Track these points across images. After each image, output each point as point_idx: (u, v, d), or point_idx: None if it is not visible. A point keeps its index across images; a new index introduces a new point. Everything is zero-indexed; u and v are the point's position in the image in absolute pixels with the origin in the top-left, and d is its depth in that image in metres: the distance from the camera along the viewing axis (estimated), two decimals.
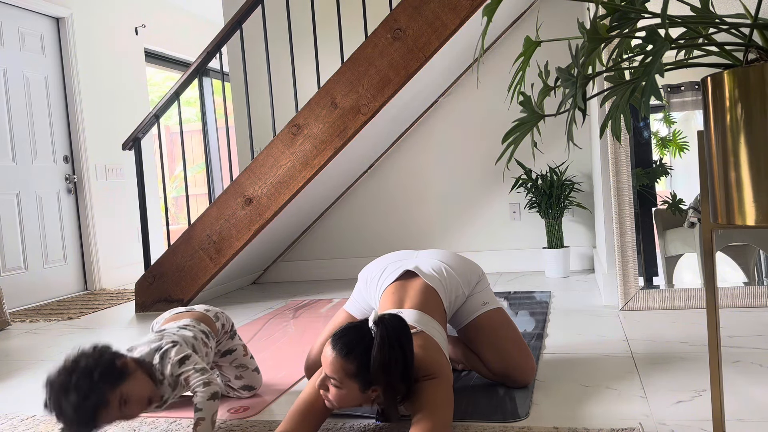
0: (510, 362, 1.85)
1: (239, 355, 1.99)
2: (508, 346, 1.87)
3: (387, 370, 1.48)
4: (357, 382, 1.50)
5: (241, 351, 1.99)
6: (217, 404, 1.61)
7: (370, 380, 1.50)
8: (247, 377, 1.99)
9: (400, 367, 1.49)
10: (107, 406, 1.52)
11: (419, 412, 1.49)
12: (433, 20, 3.24)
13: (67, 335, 3.22)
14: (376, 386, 1.50)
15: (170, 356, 1.66)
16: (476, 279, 1.96)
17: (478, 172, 4.21)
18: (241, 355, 1.99)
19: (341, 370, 1.50)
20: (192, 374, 1.64)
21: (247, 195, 3.59)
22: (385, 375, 1.48)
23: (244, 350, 2.00)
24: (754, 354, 2.03)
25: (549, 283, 3.67)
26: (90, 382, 1.52)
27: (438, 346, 1.63)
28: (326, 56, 4.12)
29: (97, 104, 5.09)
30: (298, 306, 3.52)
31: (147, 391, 1.60)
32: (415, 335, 1.61)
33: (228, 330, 1.99)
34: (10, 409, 2.07)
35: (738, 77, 1.00)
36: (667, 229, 2.83)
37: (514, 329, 1.91)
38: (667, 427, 1.53)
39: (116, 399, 1.54)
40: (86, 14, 5.06)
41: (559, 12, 3.95)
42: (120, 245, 5.22)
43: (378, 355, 1.48)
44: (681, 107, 2.82)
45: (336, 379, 1.51)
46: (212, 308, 1.99)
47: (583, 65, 1.11)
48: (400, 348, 1.50)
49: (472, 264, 1.99)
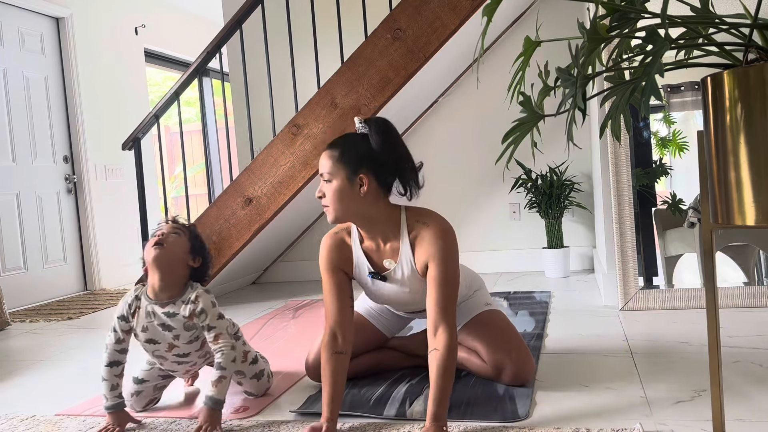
0: (510, 354, 1.86)
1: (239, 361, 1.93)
2: (510, 338, 1.89)
3: (369, 145, 1.65)
4: (346, 168, 1.65)
5: (239, 357, 1.90)
6: (235, 367, 1.79)
7: (357, 163, 1.64)
8: (245, 384, 1.95)
9: (385, 141, 1.65)
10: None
11: (431, 265, 1.65)
12: (433, 20, 3.24)
13: (67, 335, 3.22)
14: (364, 170, 1.65)
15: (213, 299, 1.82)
16: (477, 285, 2.05)
17: (478, 172, 4.21)
18: (240, 361, 1.91)
19: (329, 158, 1.66)
20: (224, 334, 1.78)
21: (246, 195, 3.59)
22: (369, 151, 1.65)
23: (243, 356, 1.92)
24: (754, 354, 2.03)
25: (549, 283, 3.67)
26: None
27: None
28: (326, 56, 4.12)
29: (97, 104, 5.09)
30: (298, 306, 3.52)
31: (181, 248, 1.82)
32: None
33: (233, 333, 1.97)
34: (10, 409, 2.07)
35: (738, 77, 1.00)
36: (667, 229, 2.83)
37: (514, 329, 1.95)
38: (667, 427, 1.53)
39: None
40: (86, 14, 5.06)
41: (559, 12, 3.95)
42: (120, 245, 5.21)
43: (360, 134, 1.67)
44: (681, 107, 2.82)
45: (326, 172, 1.67)
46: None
47: (583, 65, 1.11)
48: (388, 133, 1.67)
49: (475, 274, 2.08)
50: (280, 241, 4.26)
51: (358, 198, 1.66)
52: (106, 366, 1.78)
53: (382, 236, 1.75)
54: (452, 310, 1.64)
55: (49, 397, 2.19)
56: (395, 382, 1.98)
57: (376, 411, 1.75)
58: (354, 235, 1.79)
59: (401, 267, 1.75)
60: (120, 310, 1.81)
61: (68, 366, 2.59)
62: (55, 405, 2.09)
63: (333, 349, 1.68)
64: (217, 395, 1.69)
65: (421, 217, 1.73)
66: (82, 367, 2.54)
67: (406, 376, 2.03)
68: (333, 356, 1.67)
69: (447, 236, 1.68)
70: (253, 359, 1.96)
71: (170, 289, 1.79)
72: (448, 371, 1.56)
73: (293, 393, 2.00)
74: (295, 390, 2.03)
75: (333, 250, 1.78)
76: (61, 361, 2.67)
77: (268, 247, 4.15)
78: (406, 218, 1.74)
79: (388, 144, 1.67)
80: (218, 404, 1.69)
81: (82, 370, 2.50)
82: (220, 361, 1.73)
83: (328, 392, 1.63)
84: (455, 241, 1.71)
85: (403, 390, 1.91)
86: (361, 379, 2.03)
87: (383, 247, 1.76)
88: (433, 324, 1.62)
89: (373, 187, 1.67)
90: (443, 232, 1.68)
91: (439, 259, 1.65)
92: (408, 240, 1.72)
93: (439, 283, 1.64)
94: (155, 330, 1.80)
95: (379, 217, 1.72)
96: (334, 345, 1.68)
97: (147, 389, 1.93)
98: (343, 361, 1.67)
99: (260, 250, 4.06)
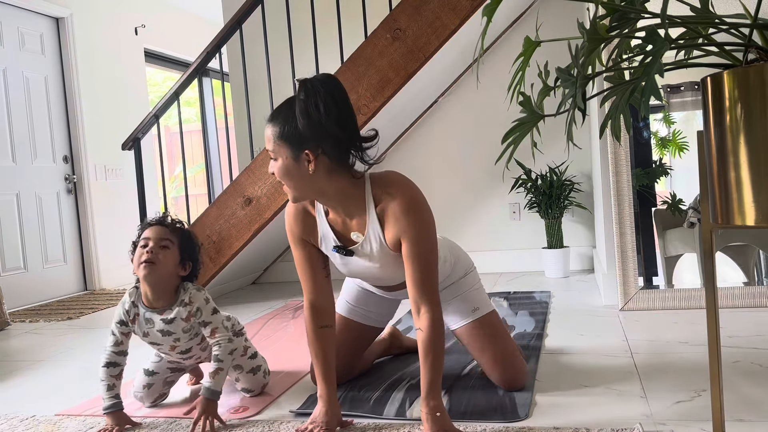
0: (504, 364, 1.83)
1: (237, 355, 1.96)
2: (502, 348, 1.84)
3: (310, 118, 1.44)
4: (288, 145, 1.48)
5: (240, 351, 1.96)
6: (232, 359, 1.80)
7: (299, 139, 1.46)
8: (242, 379, 1.97)
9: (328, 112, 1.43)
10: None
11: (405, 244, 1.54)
12: (432, 20, 3.24)
13: (67, 335, 3.22)
14: (309, 145, 1.47)
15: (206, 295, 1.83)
16: (464, 268, 1.93)
17: (478, 172, 4.21)
18: (239, 355, 1.95)
19: (270, 136, 1.50)
20: (220, 327, 1.81)
21: (246, 195, 3.59)
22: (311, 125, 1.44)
23: (243, 351, 1.97)
24: (753, 354, 2.03)
25: (549, 283, 3.66)
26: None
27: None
28: (326, 56, 4.12)
29: (97, 104, 5.09)
30: (297, 306, 3.52)
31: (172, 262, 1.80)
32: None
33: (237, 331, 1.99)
34: (10, 409, 2.07)
35: (738, 77, 1.00)
36: (667, 229, 2.83)
37: (502, 337, 1.87)
38: (667, 427, 1.53)
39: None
40: (86, 14, 5.06)
41: (559, 12, 3.94)
42: (120, 245, 5.21)
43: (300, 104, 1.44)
44: (681, 107, 2.82)
45: (270, 150, 1.51)
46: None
47: (582, 65, 1.11)
48: (327, 94, 1.44)
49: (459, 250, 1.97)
50: (280, 241, 4.26)
51: (308, 175, 1.51)
52: (104, 367, 1.79)
53: (345, 211, 1.61)
54: (433, 285, 1.55)
55: (49, 397, 2.19)
56: (395, 383, 1.98)
57: (376, 411, 1.75)
58: (318, 205, 1.66)
59: (369, 241, 1.62)
60: (118, 315, 1.83)
61: (68, 366, 2.59)
62: (55, 405, 2.09)
63: (317, 324, 1.65)
64: (214, 386, 1.74)
65: (387, 187, 1.57)
66: (82, 367, 2.54)
67: (406, 377, 2.04)
68: (318, 331, 1.65)
69: (417, 207, 1.54)
70: (253, 354, 2.00)
71: (163, 297, 1.82)
72: (437, 349, 1.51)
73: (293, 393, 2.00)
74: (295, 390, 2.03)
75: (296, 220, 1.66)
76: (61, 361, 2.67)
77: (268, 247, 4.15)
78: (371, 189, 1.58)
79: (331, 114, 1.46)
80: (215, 395, 1.74)
81: (82, 370, 2.50)
82: (218, 354, 1.77)
83: (321, 372, 1.62)
84: (427, 209, 1.57)
85: (403, 390, 1.91)
86: (360, 379, 2.03)
87: (349, 221, 1.63)
88: (414, 303, 1.55)
89: (323, 163, 1.51)
90: (412, 202, 1.54)
91: (410, 234, 1.53)
92: (375, 213, 1.58)
93: (414, 259, 1.53)
94: (155, 335, 1.83)
95: (338, 193, 1.57)
96: (317, 320, 1.65)
97: (157, 383, 1.96)
98: (329, 334, 1.65)
99: (260, 250, 4.06)
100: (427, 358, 1.51)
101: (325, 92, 1.46)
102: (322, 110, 1.45)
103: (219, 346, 1.79)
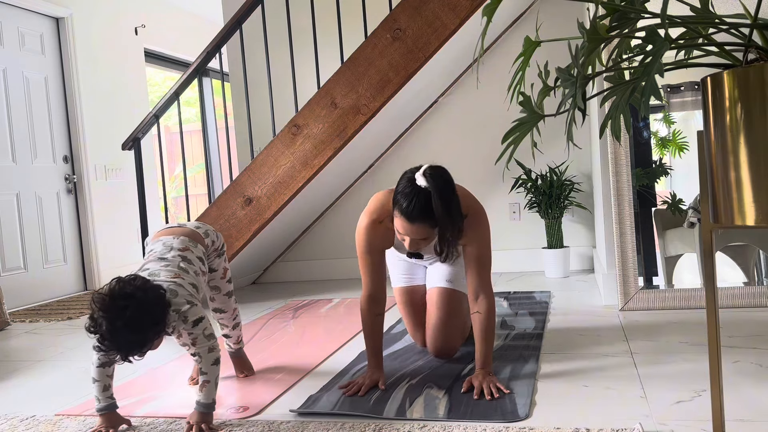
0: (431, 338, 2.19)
1: (217, 276, 2.06)
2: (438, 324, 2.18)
3: (448, 211, 1.80)
4: (430, 226, 1.81)
5: (220, 273, 2.05)
6: (218, 368, 1.77)
7: (435, 222, 1.81)
8: (218, 300, 2.08)
9: (455, 206, 1.82)
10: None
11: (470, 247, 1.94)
12: (432, 20, 3.24)
13: (66, 335, 3.22)
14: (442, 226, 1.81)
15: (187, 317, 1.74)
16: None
17: (478, 172, 4.21)
18: (219, 277, 2.06)
19: (428, 230, 1.82)
20: (200, 337, 1.75)
21: (247, 195, 3.59)
22: (447, 216, 1.80)
23: (223, 273, 2.06)
24: (753, 354, 2.03)
25: (549, 283, 3.67)
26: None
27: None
28: (326, 56, 4.12)
29: (97, 104, 5.09)
30: (298, 306, 3.52)
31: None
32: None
33: (218, 248, 2.05)
34: (10, 409, 2.07)
35: (738, 77, 1.00)
36: (667, 229, 2.83)
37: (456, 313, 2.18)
38: (667, 427, 1.53)
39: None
40: (86, 14, 5.06)
41: (559, 12, 3.94)
42: (120, 245, 5.21)
43: (438, 202, 1.78)
44: (681, 107, 2.82)
45: (423, 239, 1.85)
46: (203, 225, 2.05)
47: (582, 65, 1.11)
48: (452, 192, 1.83)
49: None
50: (280, 241, 4.26)
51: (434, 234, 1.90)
52: (98, 367, 1.78)
53: None
54: (489, 278, 1.97)
55: (49, 397, 2.19)
56: (395, 383, 1.98)
57: (376, 411, 1.75)
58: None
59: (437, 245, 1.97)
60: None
61: (68, 366, 2.59)
62: (55, 405, 2.09)
63: (374, 313, 1.99)
64: (204, 399, 1.74)
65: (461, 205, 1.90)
66: (82, 367, 2.54)
67: (405, 377, 2.04)
68: (374, 317, 1.99)
69: (484, 221, 1.97)
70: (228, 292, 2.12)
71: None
72: (490, 329, 1.92)
73: (293, 393, 2.00)
74: (295, 390, 2.03)
75: (376, 235, 2.00)
76: (61, 361, 2.67)
77: (268, 247, 4.15)
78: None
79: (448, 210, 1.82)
80: (207, 407, 1.74)
81: (82, 370, 2.50)
82: (201, 367, 1.75)
83: (372, 347, 1.98)
84: (487, 221, 1.99)
85: (403, 390, 1.91)
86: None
87: None
88: (473, 291, 1.94)
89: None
90: (480, 217, 1.96)
91: (478, 242, 1.95)
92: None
93: (479, 261, 1.95)
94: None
95: None
96: (374, 308, 1.99)
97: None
98: (381, 321, 2.01)
99: (260, 250, 4.06)
100: (482, 334, 1.92)
101: (450, 189, 1.85)
102: (452, 206, 1.82)
103: (200, 357, 1.74)
